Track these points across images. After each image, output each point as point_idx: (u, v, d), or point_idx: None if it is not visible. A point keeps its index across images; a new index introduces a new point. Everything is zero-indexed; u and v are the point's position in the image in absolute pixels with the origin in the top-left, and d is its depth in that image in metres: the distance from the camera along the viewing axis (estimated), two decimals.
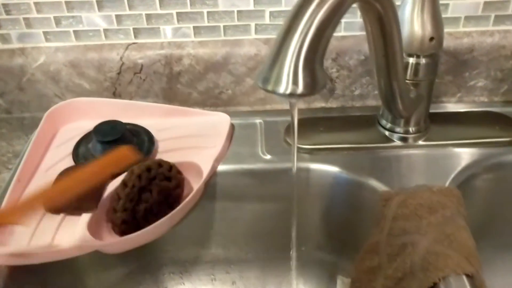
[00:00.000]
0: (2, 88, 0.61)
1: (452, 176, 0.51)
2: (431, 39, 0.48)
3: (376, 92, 0.61)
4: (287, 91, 0.32)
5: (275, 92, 0.32)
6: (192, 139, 0.55)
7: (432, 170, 0.52)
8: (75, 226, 0.45)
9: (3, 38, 0.59)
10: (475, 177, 0.53)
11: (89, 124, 0.54)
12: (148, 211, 0.47)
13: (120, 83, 0.61)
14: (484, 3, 0.57)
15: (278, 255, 0.58)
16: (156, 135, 0.55)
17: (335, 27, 0.33)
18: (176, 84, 0.61)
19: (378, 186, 0.51)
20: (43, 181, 0.50)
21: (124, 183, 0.47)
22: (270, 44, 0.59)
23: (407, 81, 0.51)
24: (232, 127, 0.57)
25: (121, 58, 0.59)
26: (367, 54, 0.58)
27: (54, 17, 0.58)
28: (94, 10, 0.57)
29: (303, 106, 0.62)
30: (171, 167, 0.49)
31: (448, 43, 0.58)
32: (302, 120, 0.58)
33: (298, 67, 0.32)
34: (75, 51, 0.59)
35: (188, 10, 0.57)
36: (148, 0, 0.57)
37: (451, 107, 0.62)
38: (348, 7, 0.33)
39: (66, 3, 0.57)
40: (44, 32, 0.59)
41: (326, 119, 0.60)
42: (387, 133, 0.56)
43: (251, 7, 0.57)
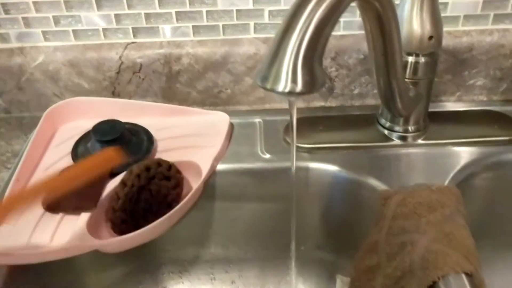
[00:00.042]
0: (1, 88, 0.61)
1: (451, 175, 0.51)
2: (430, 37, 0.48)
3: (375, 91, 0.61)
4: (286, 89, 0.32)
5: (274, 91, 0.32)
6: (191, 139, 0.55)
7: (431, 169, 0.52)
8: (74, 226, 0.45)
9: (2, 38, 0.59)
10: (474, 176, 0.53)
11: (88, 124, 0.54)
12: (147, 211, 0.47)
13: (119, 82, 0.60)
14: (483, 2, 0.57)
15: (277, 254, 0.58)
16: (155, 135, 0.55)
17: (334, 26, 0.33)
18: (175, 83, 0.61)
19: (378, 185, 0.51)
20: None
21: (123, 183, 0.47)
22: (269, 43, 0.59)
23: (406, 80, 0.51)
24: (231, 126, 0.57)
25: (120, 58, 0.59)
26: (366, 53, 0.58)
27: (53, 16, 0.58)
28: (93, 10, 0.57)
29: (302, 105, 0.62)
30: (170, 166, 0.49)
31: (447, 42, 0.58)
32: (301, 119, 0.58)
33: (297, 65, 0.31)
34: (74, 51, 0.59)
35: (187, 9, 0.57)
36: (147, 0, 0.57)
37: (450, 106, 0.62)
38: (346, 5, 0.33)
39: (65, 2, 0.57)
40: (43, 32, 0.59)
41: (325, 118, 0.60)
42: (386, 132, 0.56)
43: (250, 6, 0.57)
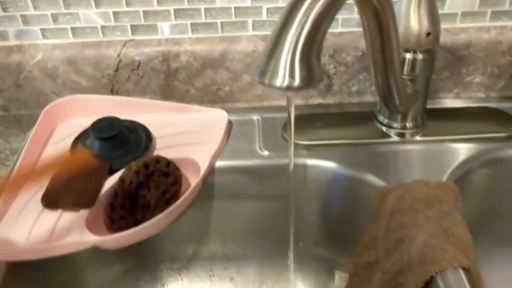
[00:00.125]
0: (0, 86, 0.61)
1: (449, 171, 0.51)
2: (428, 34, 0.48)
3: (374, 88, 0.61)
4: (284, 84, 0.32)
5: (271, 86, 0.32)
6: (189, 136, 0.55)
7: (429, 165, 0.52)
8: (73, 222, 0.45)
9: (0, 36, 0.59)
10: (472, 172, 0.53)
11: (86, 121, 0.54)
12: (146, 207, 0.47)
13: (117, 80, 0.60)
14: None
15: (276, 251, 0.58)
16: (154, 132, 0.55)
17: (331, 21, 0.34)
18: (173, 81, 0.61)
19: (376, 181, 0.51)
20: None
21: (122, 179, 0.48)
22: (267, 40, 0.59)
23: (404, 76, 0.51)
24: (230, 123, 0.57)
25: (118, 55, 0.59)
26: (364, 50, 0.58)
27: (51, 14, 0.58)
28: (91, 7, 0.57)
29: (301, 102, 0.63)
30: (169, 163, 0.49)
31: (445, 39, 0.58)
32: (299, 116, 0.58)
33: (294, 61, 0.32)
34: (72, 48, 0.59)
35: (185, 6, 0.57)
36: None
37: (448, 103, 0.62)
38: (343, 1, 0.34)
39: (63, 0, 0.57)
40: (41, 29, 0.59)
41: (324, 116, 0.60)
42: (385, 128, 0.56)
43: (248, 4, 0.57)
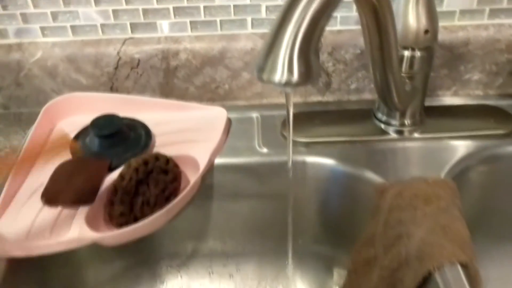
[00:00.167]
0: (0, 84, 0.61)
1: (447, 168, 0.51)
2: (426, 31, 0.48)
3: (372, 86, 0.61)
4: (283, 80, 0.32)
5: (270, 81, 0.32)
6: (189, 133, 0.55)
7: (427, 163, 0.52)
8: (73, 219, 0.45)
9: (0, 34, 0.59)
10: (470, 169, 0.53)
11: (86, 119, 0.54)
12: (145, 204, 0.47)
13: (117, 78, 0.61)
14: None
15: (275, 248, 0.59)
16: (153, 129, 0.55)
17: (330, 18, 0.34)
18: (173, 78, 0.61)
19: (374, 178, 0.51)
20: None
21: (121, 176, 0.48)
22: (266, 36, 0.59)
23: (402, 74, 0.52)
24: (229, 121, 0.57)
25: (118, 53, 0.59)
26: (363, 48, 0.58)
27: (51, 12, 0.58)
28: (91, 5, 0.57)
29: (300, 100, 0.63)
30: (168, 160, 0.49)
31: (443, 36, 0.58)
32: (298, 114, 0.58)
33: (293, 57, 0.32)
34: (72, 46, 0.59)
35: (185, 4, 0.58)
36: None
37: (446, 100, 0.62)
38: None
39: None
40: (41, 27, 0.59)
41: (322, 113, 0.60)
42: (383, 126, 0.56)
43: (247, 2, 0.57)
